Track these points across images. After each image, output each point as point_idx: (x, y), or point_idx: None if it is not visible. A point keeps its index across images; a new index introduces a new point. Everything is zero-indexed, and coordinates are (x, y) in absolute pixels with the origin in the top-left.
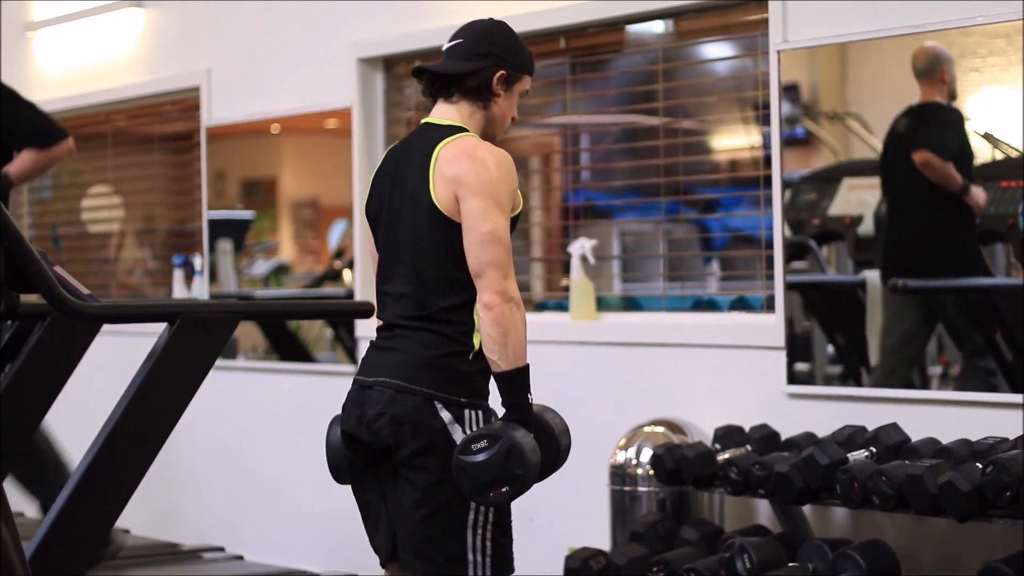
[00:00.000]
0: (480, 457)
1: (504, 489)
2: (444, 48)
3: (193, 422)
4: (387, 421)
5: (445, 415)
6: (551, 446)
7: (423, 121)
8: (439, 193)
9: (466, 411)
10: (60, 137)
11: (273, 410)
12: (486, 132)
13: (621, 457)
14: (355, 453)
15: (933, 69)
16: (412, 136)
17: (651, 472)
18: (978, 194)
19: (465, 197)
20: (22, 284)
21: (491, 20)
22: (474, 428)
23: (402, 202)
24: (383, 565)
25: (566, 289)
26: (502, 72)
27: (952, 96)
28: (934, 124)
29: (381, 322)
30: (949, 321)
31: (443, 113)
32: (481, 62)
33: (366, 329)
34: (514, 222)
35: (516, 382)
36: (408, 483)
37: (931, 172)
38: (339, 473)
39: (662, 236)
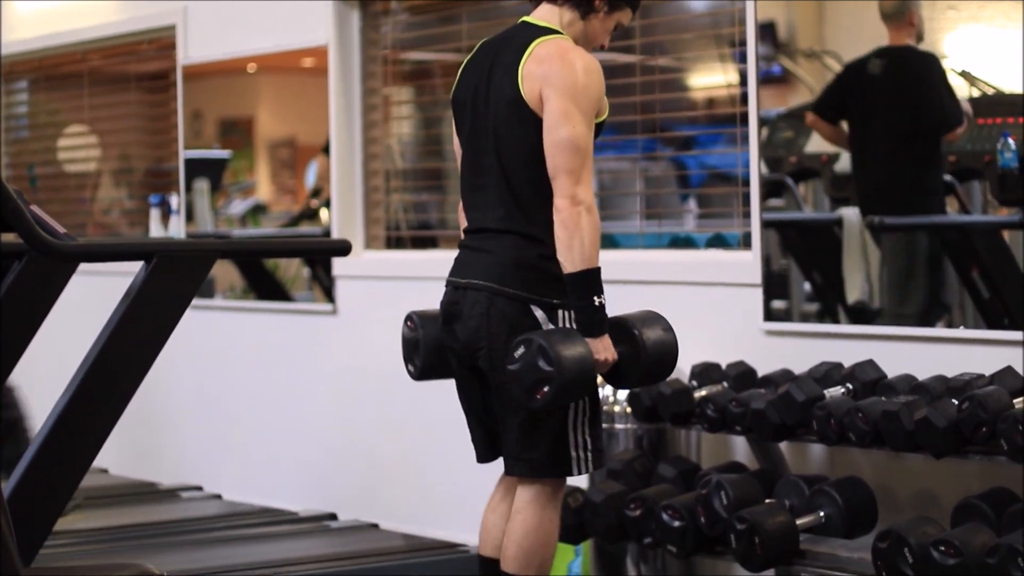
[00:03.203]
0: (518, 364)
1: (545, 389)
2: None
3: (171, 361)
4: (484, 323)
5: (539, 314)
6: (631, 346)
7: (522, 19)
8: (527, 87)
9: (559, 311)
10: None
11: (251, 349)
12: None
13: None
14: (452, 353)
15: (901, 12)
16: (508, 32)
17: (628, 409)
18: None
19: (549, 97)
20: None
21: None
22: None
23: (490, 94)
24: (480, 462)
25: None
26: None
27: (920, 37)
28: (927, 87)
29: (467, 222)
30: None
31: (543, 15)
32: None
33: (343, 267)
34: (599, 128)
35: (580, 283)
36: (505, 388)
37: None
38: (426, 369)
39: (639, 174)
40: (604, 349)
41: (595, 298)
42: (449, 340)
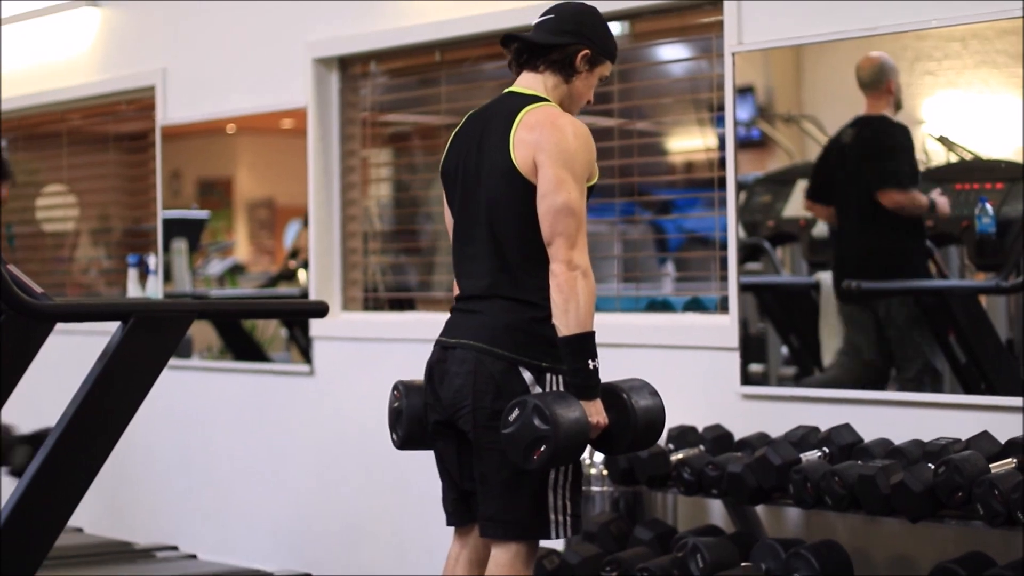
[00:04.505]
0: (514, 426)
1: (542, 448)
2: (535, 23)
3: (147, 421)
4: (470, 382)
5: (527, 376)
6: (621, 412)
7: (507, 90)
8: (519, 155)
9: (547, 375)
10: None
11: (227, 409)
12: (564, 107)
13: None
14: (432, 411)
15: (879, 80)
16: (494, 102)
17: (604, 472)
18: (943, 204)
19: (543, 164)
20: None
21: (583, 3)
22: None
23: (480, 164)
24: (449, 524)
25: None
26: (587, 52)
27: (898, 106)
28: (886, 152)
29: (458, 290)
30: (895, 326)
31: (527, 83)
32: (569, 38)
33: (320, 328)
34: (590, 191)
35: (576, 347)
36: (488, 448)
37: (901, 210)
38: (407, 440)
39: (617, 237)
40: (596, 412)
41: (589, 361)
42: (430, 398)
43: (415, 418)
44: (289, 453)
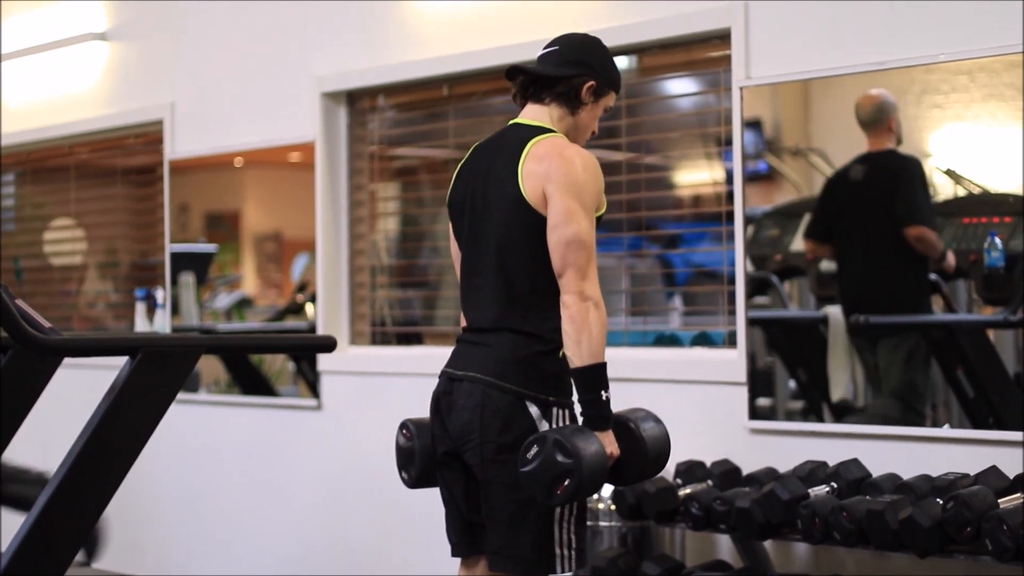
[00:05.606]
0: (535, 462)
1: (566, 483)
2: (539, 55)
3: (155, 455)
4: (477, 415)
5: (534, 411)
6: (631, 442)
7: (512, 122)
8: (528, 187)
9: (554, 409)
10: None
11: (235, 444)
12: (570, 139)
13: None
14: (439, 442)
15: (879, 119)
16: (501, 134)
17: (612, 507)
18: (951, 259)
19: (553, 196)
20: None
21: (587, 35)
22: (561, 425)
23: (488, 195)
24: (454, 556)
25: None
26: (592, 83)
27: (899, 142)
28: (903, 185)
29: (466, 321)
30: (901, 360)
31: (533, 114)
32: (574, 70)
33: (328, 363)
34: (598, 221)
35: (589, 378)
36: (494, 481)
37: (923, 245)
38: (421, 479)
39: (625, 271)
40: (610, 443)
41: (602, 392)
42: (438, 429)
43: (428, 457)
44: (297, 487)
